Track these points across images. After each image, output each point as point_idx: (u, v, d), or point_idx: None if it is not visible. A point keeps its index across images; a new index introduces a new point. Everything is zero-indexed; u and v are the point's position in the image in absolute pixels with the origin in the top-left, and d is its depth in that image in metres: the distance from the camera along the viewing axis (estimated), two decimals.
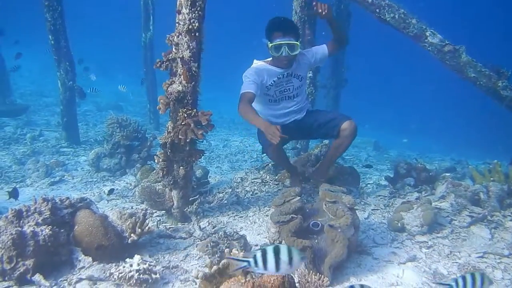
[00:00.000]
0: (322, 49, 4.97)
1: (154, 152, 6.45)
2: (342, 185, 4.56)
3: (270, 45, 4.55)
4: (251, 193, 5.40)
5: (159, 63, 4.14)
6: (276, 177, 5.83)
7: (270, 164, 6.09)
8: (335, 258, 3.37)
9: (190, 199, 4.67)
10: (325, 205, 3.76)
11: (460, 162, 11.25)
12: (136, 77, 13.02)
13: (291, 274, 2.71)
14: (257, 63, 4.84)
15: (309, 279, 2.78)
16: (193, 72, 4.04)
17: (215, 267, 2.80)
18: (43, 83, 17.08)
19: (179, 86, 4.08)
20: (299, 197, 3.85)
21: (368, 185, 6.90)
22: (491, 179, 5.33)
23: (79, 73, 8.88)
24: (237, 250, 3.13)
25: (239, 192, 5.41)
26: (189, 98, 4.13)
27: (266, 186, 5.65)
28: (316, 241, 3.63)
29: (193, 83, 4.09)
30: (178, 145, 4.23)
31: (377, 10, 6.56)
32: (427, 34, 6.56)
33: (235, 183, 5.81)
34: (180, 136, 4.10)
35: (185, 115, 4.09)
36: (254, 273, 2.70)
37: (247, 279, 2.50)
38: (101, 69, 26.57)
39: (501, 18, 41.13)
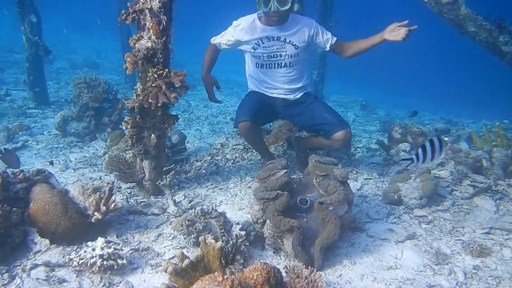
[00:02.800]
0: (325, 39, 4.23)
1: (126, 114, 5.94)
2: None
3: None
4: (232, 161, 4.93)
5: (125, 15, 3.57)
6: None
7: None
8: (326, 239, 2.96)
9: (164, 169, 4.20)
10: (316, 179, 3.32)
11: (450, 121, 10.90)
12: (115, 31, 12.21)
13: (278, 268, 2.28)
14: (249, 17, 4.27)
15: (299, 273, 2.34)
16: (164, 25, 3.49)
17: (187, 261, 2.35)
18: (14, 38, 16.18)
19: (148, 42, 3.54)
20: (286, 170, 3.39)
21: (358, 149, 6.48)
22: (493, 143, 4.93)
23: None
24: (213, 239, 2.67)
25: (219, 160, 4.94)
26: (160, 56, 3.59)
27: (249, 153, 5.17)
28: (305, 219, 3.19)
29: (164, 38, 3.54)
30: (148, 109, 3.72)
31: None
32: None
33: (215, 150, 5.32)
34: (150, 100, 3.58)
35: (156, 76, 3.56)
36: (232, 269, 2.28)
37: (225, 277, 2.05)
38: (77, 24, 25.71)
39: None
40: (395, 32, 3.80)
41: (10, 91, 8.72)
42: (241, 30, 4.22)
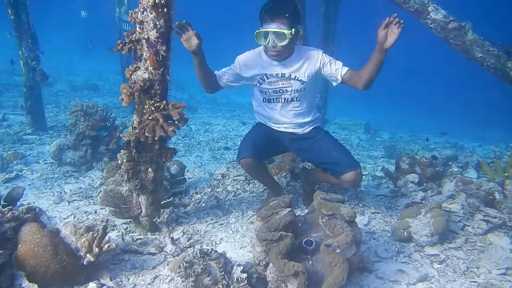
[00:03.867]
0: (335, 70, 3.86)
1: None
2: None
3: (257, 31, 3.74)
4: (233, 193, 4.72)
5: (121, 45, 3.42)
6: None
7: None
8: (333, 284, 2.75)
9: (162, 202, 4.01)
10: (322, 219, 3.13)
11: (456, 145, 10.73)
12: (116, 53, 12.12)
13: None
14: (254, 51, 4.06)
15: None
16: (162, 56, 3.33)
17: None
18: (16, 61, 16.11)
19: (145, 73, 3.37)
20: (290, 209, 3.20)
21: (363, 176, 6.29)
22: (505, 174, 4.73)
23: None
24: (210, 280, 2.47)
25: (219, 192, 4.74)
26: (157, 87, 3.42)
27: (251, 185, 4.97)
28: (311, 262, 2.99)
29: (161, 69, 3.38)
30: (145, 143, 3.53)
31: None
32: (429, 9, 5.89)
33: (215, 181, 5.11)
34: (147, 134, 3.40)
35: (153, 109, 3.39)
36: None
37: None
38: (79, 45, 25.72)
39: None
40: (389, 36, 3.42)
41: (7, 115, 8.60)
42: (245, 65, 4.01)
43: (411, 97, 27.58)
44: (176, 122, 3.49)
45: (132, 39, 3.38)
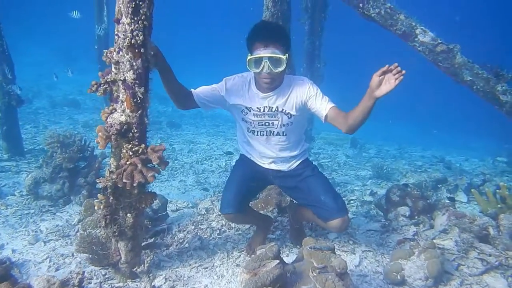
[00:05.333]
0: (320, 107, 3.57)
1: (104, 173, 5.52)
2: None
3: (249, 58, 3.45)
4: (218, 231, 4.49)
5: (95, 86, 3.20)
6: None
7: None
8: None
9: (143, 244, 3.79)
10: (312, 272, 2.93)
11: (443, 160, 10.65)
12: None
13: None
14: (243, 77, 3.78)
15: None
16: (139, 98, 3.12)
17: None
18: None
19: (121, 115, 3.17)
20: (278, 261, 3.00)
21: (352, 202, 6.14)
22: (498, 206, 4.60)
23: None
24: None
25: (203, 230, 4.51)
26: (135, 130, 3.21)
27: None
28: None
29: (139, 111, 3.18)
30: (123, 189, 3.32)
31: (360, 5, 5.74)
32: (417, 32, 5.76)
33: (199, 216, 4.88)
34: (125, 180, 3.18)
35: (131, 153, 3.18)
36: None
37: None
38: (60, 57, 25.39)
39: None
40: (384, 84, 3.10)
41: None
42: (231, 90, 3.73)
43: (392, 104, 27.59)
44: (156, 166, 3.29)
45: (108, 80, 3.17)
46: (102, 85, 3.20)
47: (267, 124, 3.73)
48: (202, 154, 9.22)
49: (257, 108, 3.68)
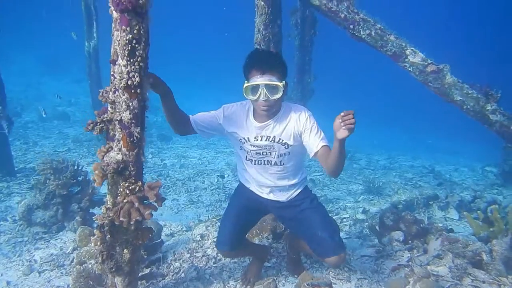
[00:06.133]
0: (313, 141, 3.50)
1: (97, 198, 5.51)
2: None
3: (245, 85, 3.42)
4: (213, 259, 4.48)
5: (91, 125, 3.20)
6: None
7: None
8: None
9: (139, 275, 3.78)
10: None
11: (433, 171, 10.74)
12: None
13: None
14: (242, 106, 3.76)
15: None
16: (135, 138, 3.13)
17: None
18: None
19: (118, 154, 3.16)
20: None
21: (344, 220, 6.19)
22: (490, 229, 4.65)
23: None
24: None
25: (199, 258, 4.49)
26: (132, 168, 3.21)
27: None
28: None
29: (136, 150, 3.18)
30: (120, 226, 3.32)
31: (351, 26, 5.80)
32: (407, 52, 5.84)
33: (194, 243, 4.87)
34: (122, 218, 3.18)
35: (128, 191, 3.19)
36: None
37: None
38: (48, 66, 25.22)
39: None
40: (342, 128, 3.04)
41: None
42: (230, 119, 3.71)
43: (378, 108, 27.77)
44: (153, 203, 3.29)
45: (104, 119, 3.17)
46: (98, 124, 3.20)
47: (264, 154, 3.71)
48: (193, 169, 9.22)
49: (255, 138, 3.66)
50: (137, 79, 3.00)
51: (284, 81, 3.43)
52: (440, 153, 15.42)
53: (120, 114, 3.09)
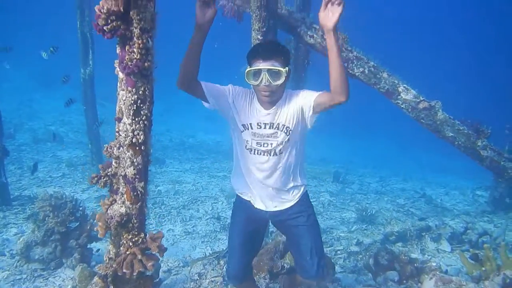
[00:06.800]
0: (310, 96, 3.45)
1: (95, 233, 5.55)
2: None
3: (247, 70, 3.39)
4: None
5: (95, 178, 3.28)
6: None
7: None
8: None
9: None
10: None
11: (425, 195, 10.88)
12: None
13: None
14: (249, 91, 3.67)
15: None
16: (139, 192, 3.21)
17: None
18: None
19: (121, 207, 3.24)
20: None
21: (338, 252, 6.28)
22: (483, 268, 4.76)
23: None
24: None
25: None
26: (135, 221, 3.28)
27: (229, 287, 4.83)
28: None
29: (139, 203, 3.25)
30: (123, 276, 3.39)
31: (345, 64, 5.93)
32: (400, 89, 5.98)
33: (192, 282, 4.93)
34: (125, 270, 3.26)
35: (131, 244, 3.26)
36: None
37: None
38: (41, 81, 25.17)
39: None
40: (331, 15, 3.06)
41: None
42: (236, 100, 3.63)
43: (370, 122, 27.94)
44: (155, 254, 3.37)
45: (108, 173, 3.26)
46: (102, 177, 3.29)
47: (265, 145, 3.63)
48: (188, 196, 9.27)
49: (257, 124, 3.60)
50: (142, 137, 3.08)
51: (287, 68, 3.38)
52: (430, 172, 15.60)
53: (124, 170, 3.17)
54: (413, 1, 47.84)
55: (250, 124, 3.61)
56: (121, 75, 3.03)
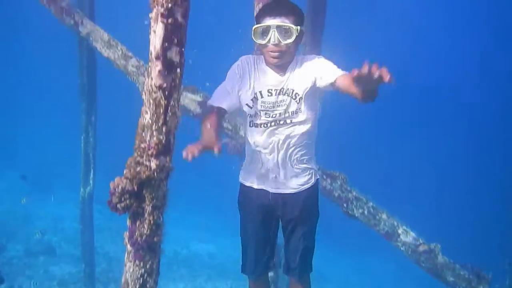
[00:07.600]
0: (331, 70, 3.16)
1: None
2: None
3: (255, 27, 3.13)
4: None
5: None
6: None
7: None
8: None
9: None
10: None
11: None
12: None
13: None
14: (246, 58, 3.43)
15: None
16: None
17: None
18: None
19: None
20: None
21: None
22: None
23: None
24: None
25: None
26: None
27: None
28: None
29: None
30: None
31: (345, 205, 6.03)
32: (399, 232, 6.03)
33: None
34: None
35: None
36: None
37: None
38: (34, 185, 25.10)
39: None
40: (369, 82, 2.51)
41: None
42: (243, 74, 3.37)
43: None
44: None
45: None
46: None
47: (274, 114, 3.35)
48: None
49: (268, 91, 3.33)
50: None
51: (299, 27, 3.12)
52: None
53: None
54: None
55: (260, 92, 3.35)
56: (129, 247, 3.09)
